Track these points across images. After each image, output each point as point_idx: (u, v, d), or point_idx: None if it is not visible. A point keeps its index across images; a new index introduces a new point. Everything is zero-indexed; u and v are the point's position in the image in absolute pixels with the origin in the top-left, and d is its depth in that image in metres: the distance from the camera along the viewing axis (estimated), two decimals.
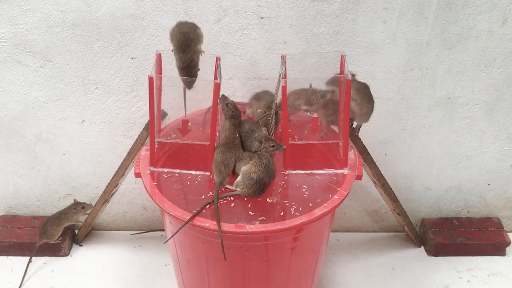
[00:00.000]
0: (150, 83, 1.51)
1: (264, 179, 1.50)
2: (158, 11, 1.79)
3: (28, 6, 1.78)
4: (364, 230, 2.30)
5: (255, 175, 1.50)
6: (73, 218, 2.06)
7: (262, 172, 1.50)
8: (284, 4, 1.78)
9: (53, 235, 2.05)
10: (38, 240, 2.04)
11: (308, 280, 1.72)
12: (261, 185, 1.50)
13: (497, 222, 2.22)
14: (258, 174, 1.50)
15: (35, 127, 2.03)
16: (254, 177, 1.50)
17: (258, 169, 1.50)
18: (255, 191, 1.51)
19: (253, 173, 1.50)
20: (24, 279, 2.01)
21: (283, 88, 1.52)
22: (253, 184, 1.50)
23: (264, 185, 1.51)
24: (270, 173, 1.51)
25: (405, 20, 1.81)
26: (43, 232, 2.03)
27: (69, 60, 1.88)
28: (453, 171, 2.14)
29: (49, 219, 2.05)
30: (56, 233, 2.05)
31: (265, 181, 1.50)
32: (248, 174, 1.51)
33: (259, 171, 1.50)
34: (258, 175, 1.50)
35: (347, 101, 1.54)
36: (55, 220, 2.04)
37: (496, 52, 1.87)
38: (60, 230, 2.06)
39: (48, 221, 2.04)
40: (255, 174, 1.50)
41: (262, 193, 1.52)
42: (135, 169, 1.62)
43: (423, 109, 1.99)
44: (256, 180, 1.49)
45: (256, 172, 1.50)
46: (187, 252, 1.60)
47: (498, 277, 2.05)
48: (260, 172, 1.50)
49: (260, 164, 1.51)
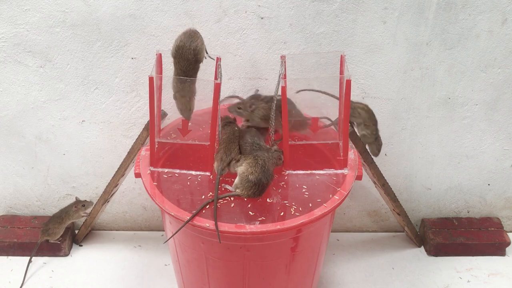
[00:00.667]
0: (151, 83, 1.51)
1: (262, 180, 1.49)
2: (158, 11, 1.79)
3: (28, 6, 1.78)
4: (364, 230, 2.30)
5: (252, 176, 1.49)
6: (74, 216, 2.06)
7: (259, 173, 1.49)
8: (284, 4, 1.78)
9: (54, 234, 2.05)
10: (40, 238, 2.05)
11: (308, 280, 1.72)
12: (259, 186, 1.50)
13: (497, 222, 2.22)
14: (256, 176, 1.49)
15: (35, 127, 2.03)
16: (252, 179, 1.49)
17: (255, 170, 1.50)
18: (255, 193, 1.50)
19: (250, 175, 1.50)
20: (25, 279, 2.01)
21: (283, 88, 1.52)
22: (252, 186, 1.49)
23: (262, 186, 1.50)
24: (267, 173, 1.51)
25: (405, 20, 1.81)
26: (45, 230, 2.04)
27: (69, 60, 1.88)
28: (453, 171, 2.14)
29: (51, 218, 2.05)
30: (58, 232, 2.05)
31: (263, 182, 1.50)
32: (246, 176, 1.50)
33: (256, 173, 1.49)
34: (255, 177, 1.49)
35: (347, 101, 1.54)
36: (57, 219, 2.04)
37: (496, 52, 1.87)
38: (62, 229, 2.06)
39: (51, 220, 2.04)
40: (252, 175, 1.49)
41: (261, 194, 1.52)
42: (135, 169, 1.62)
43: (423, 109, 1.99)
44: (255, 182, 1.49)
45: (253, 174, 1.49)
46: (187, 252, 1.60)
47: (498, 277, 2.05)
48: (258, 173, 1.49)
49: (257, 165, 1.51)
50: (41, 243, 2.07)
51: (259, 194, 1.51)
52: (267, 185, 1.52)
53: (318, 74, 1.88)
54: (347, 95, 1.53)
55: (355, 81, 1.91)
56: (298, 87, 1.85)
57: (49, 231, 2.04)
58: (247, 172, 1.50)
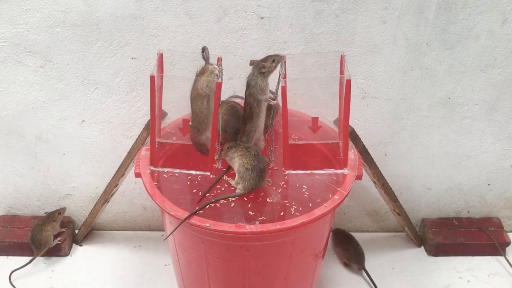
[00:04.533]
0: (152, 82, 1.51)
1: (259, 166, 1.52)
2: (158, 11, 1.79)
3: (28, 6, 1.78)
4: (364, 230, 2.30)
5: (248, 165, 1.52)
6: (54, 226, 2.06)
7: (254, 160, 1.53)
8: (284, 4, 1.78)
9: (47, 242, 2.04)
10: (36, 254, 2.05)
11: (308, 280, 1.72)
12: (258, 171, 1.52)
13: (497, 222, 2.22)
14: (251, 163, 1.52)
15: (35, 127, 2.03)
16: (249, 167, 1.52)
17: (249, 160, 1.53)
18: (255, 179, 1.52)
19: (246, 164, 1.53)
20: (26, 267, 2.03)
21: (283, 88, 1.52)
22: (250, 173, 1.51)
23: (260, 171, 1.52)
24: (262, 160, 1.54)
25: (405, 20, 1.81)
26: (39, 240, 2.03)
27: (69, 60, 1.88)
28: (453, 171, 2.14)
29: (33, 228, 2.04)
30: (49, 237, 2.05)
31: (260, 167, 1.52)
32: (243, 166, 1.53)
33: (251, 161, 1.53)
34: (251, 164, 1.52)
35: (347, 101, 1.54)
36: (44, 228, 2.04)
37: (496, 52, 1.87)
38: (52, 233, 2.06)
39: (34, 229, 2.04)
40: (248, 164, 1.52)
41: (262, 181, 1.53)
42: (135, 169, 1.62)
43: (423, 109, 1.99)
44: (252, 169, 1.52)
45: (248, 163, 1.53)
46: (187, 252, 1.60)
47: (498, 277, 2.05)
48: (252, 160, 1.53)
49: (249, 155, 1.54)
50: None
51: (260, 181, 1.53)
52: (264, 170, 1.54)
53: (318, 74, 1.88)
54: (347, 95, 1.53)
55: (355, 81, 1.91)
56: (298, 87, 1.85)
57: (42, 244, 2.04)
58: (243, 163, 1.53)
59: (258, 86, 1.58)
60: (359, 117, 1.99)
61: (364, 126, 2.01)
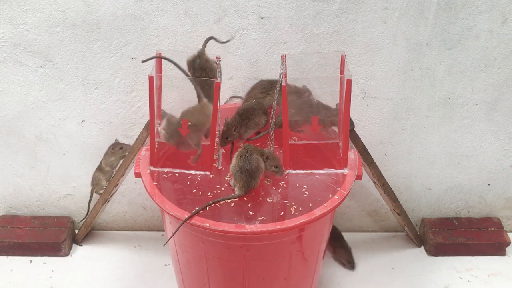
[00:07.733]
0: (150, 82, 1.51)
1: (245, 166, 1.52)
2: (158, 11, 1.79)
3: (28, 6, 1.78)
4: (364, 230, 2.30)
5: (237, 166, 1.54)
6: (109, 160, 2.01)
7: (240, 161, 1.54)
8: (284, 4, 1.78)
9: (97, 184, 2.05)
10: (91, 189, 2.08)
11: (308, 280, 1.72)
12: (244, 172, 1.52)
13: (497, 222, 2.22)
14: (238, 164, 1.53)
15: (35, 127, 2.03)
16: (238, 168, 1.53)
17: (236, 162, 1.55)
18: (245, 180, 1.52)
19: (236, 165, 1.54)
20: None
21: (283, 88, 1.52)
22: (240, 174, 1.53)
23: (247, 172, 1.52)
24: (249, 161, 1.53)
25: (405, 20, 1.81)
26: (92, 179, 2.05)
27: (69, 60, 1.88)
28: (453, 171, 2.14)
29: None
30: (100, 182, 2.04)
31: (246, 168, 1.52)
32: (233, 168, 1.55)
33: (238, 162, 1.54)
34: (238, 165, 1.53)
35: (347, 101, 1.54)
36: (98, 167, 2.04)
37: (496, 52, 1.87)
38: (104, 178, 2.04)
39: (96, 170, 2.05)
40: (236, 165, 1.54)
41: (252, 180, 1.53)
42: (135, 169, 1.63)
43: (423, 109, 1.99)
44: (240, 170, 1.53)
45: (236, 164, 1.54)
46: (187, 252, 1.60)
47: (498, 277, 2.05)
48: (238, 161, 1.54)
49: (239, 156, 1.56)
50: (43, 239, 2.08)
51: (249, 180, 1.53)
52: (251, 171, 1.53)
53: (318, 74, 1.88)
54: (347, 95, 1.53)
55: (355, 81, 1.91)
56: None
57: (93, 181, 2.05)
58: (233, 164, 1.56)
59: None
60: (359, 117, 1.99)
61: (364, 126, 2.01)
